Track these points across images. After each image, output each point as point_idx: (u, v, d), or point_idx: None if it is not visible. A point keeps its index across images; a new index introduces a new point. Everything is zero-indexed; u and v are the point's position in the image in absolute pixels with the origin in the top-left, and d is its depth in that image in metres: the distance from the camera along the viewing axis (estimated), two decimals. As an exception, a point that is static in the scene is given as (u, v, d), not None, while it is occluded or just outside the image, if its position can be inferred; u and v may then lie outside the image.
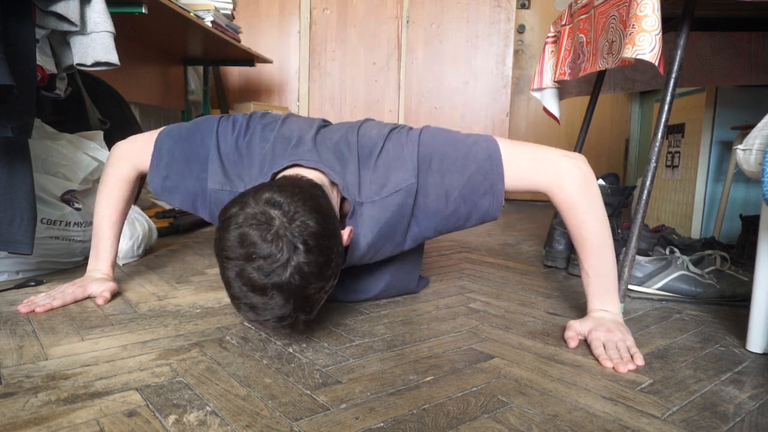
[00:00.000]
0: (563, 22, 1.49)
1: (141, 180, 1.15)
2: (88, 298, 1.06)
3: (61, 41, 1.24)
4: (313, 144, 0.95)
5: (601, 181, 1.43)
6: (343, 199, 0.95)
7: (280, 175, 0.92)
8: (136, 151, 1.09)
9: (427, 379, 0.75)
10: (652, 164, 1.09)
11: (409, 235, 0.98)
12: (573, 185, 0.93)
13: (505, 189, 0.96)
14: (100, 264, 1.11)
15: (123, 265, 1.38)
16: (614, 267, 0.94)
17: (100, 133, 1.45)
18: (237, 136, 1.00)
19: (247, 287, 0.72)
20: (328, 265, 0.76)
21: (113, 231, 1.11)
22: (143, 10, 1.52)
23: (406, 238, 0.99)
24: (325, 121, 1.08)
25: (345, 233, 0.85)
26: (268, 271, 0.71)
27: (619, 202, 1.42)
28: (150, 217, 1.66)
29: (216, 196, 0.98)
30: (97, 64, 1.22)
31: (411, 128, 1.01)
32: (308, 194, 0.78)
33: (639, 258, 1.21)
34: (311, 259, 0.72)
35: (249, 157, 0.98)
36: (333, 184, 0.92)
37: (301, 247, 0.72)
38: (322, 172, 0.91)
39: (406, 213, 0.95)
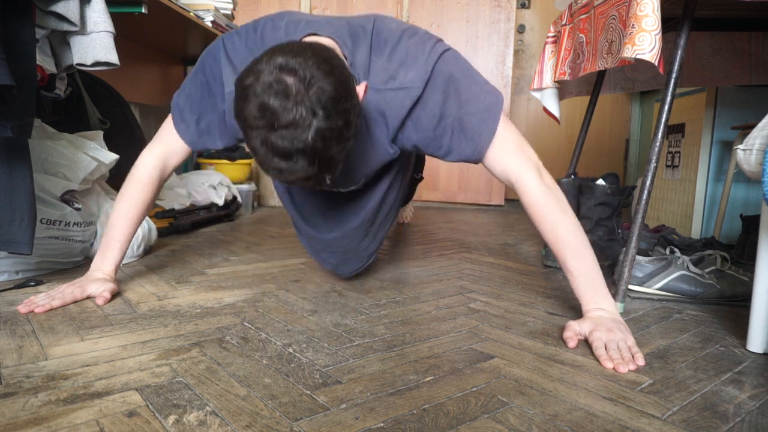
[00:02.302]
0: (563, 22, 1.49)
1: (162, 182, 1.15)
2: (88, 298, 1.06)
3: (61, 41, 1.24)
4: (326, 22, 0.97)
5: (601, 181, 1.43)
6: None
7: None
8: (158, 134, 1.13)
9: (427, 379, 0.75)
10: (652, 164, 1.09)
11: (398, 138, 0.99)
12: (545, 184, 0.95)
13: (488, 146, 0.97)
14: (104, 265, 1.11)
15: (123, 265, 1.38)
16: (596, 264, 0.94)
17: (100, 133, 1.45)
18: (246, 38, 1.01)
19: (272, 153, 0.74)
20: (347, 126, 0.77)
21: (125, 233, 1.12)
22: (143, 10, 1.52)
23: (396, 141, 1.00)
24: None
25: (360, 89, 0.85)
26: (291, 138, 0.73)
27: (619, 202, 1.42)
28: (150, 217, 1.66)
29: (232, 98, 0.98)
30: (97, 64, 1.22)
31: (439, 40, 1.01)
32: (322, 57, 0.77)
33: (639, 258, 1.21)
34: (331, 123, 0.74)
35: (264, 46, 0.97)
36: (344, 57, 0.92)
37: (320, 112, 0.73)
38: (335, 41, 0.92)
39: (402, 114, 0.95)
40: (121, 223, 1.11)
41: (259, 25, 1.02)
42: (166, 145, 1.12)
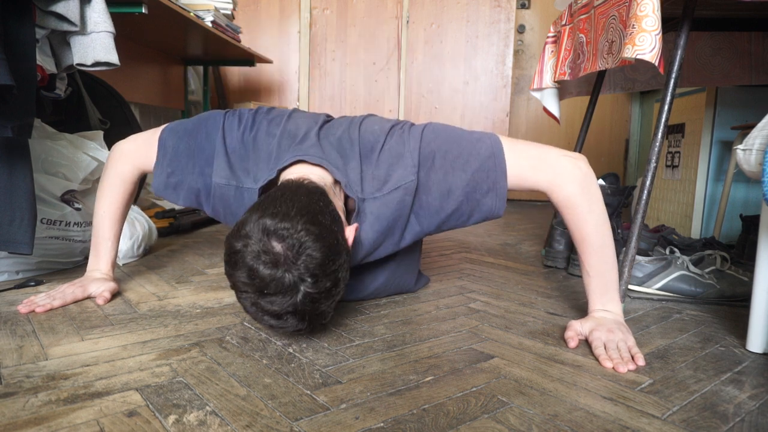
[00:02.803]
0: (563, 22, 1.49)
1: (141, 180, 1.15)
2: (88, 298, 1.06)
3: (61, 41, 1.24)
4: (317, 140, 0.96)
5: (601, 181, 1.43)
6: (347, 197, 0.96)
7: (284, 173, 0.92)
8: (138, 150, 1.09)
9: (427, 379, 0.75)
10: (652, 164, 1.09)
11: (408, 232, 0.99)
12: (573, 185, 0.93)
13: (507, 187, 0.96)
14: (100, 264, 1.11)
15: (123, 265, 1.39)
16: (615, 267, 0.94)
17: (100, 133, 1.45)
18: (243, 130, 1.00)
19: (263, 313, 0.78)
20: (336, 285, 0.79)
21: (113, 231, 1.11)
22: (143, 10, 1.52)
23: (405, 235, 0.99)
24: (328, 116, 1.08)
25: (350, 232, 0.85)
26: (280, 303, 0.75)
27: (619, 202, 1.42)
28: (150, 217, 1.66)
29: (221, 191, 0.98)
30: (97, 64, 1.22)
31: (413, 124, 1.01)
32: (310, 217, 0.77)
33: (639, 258, 1.21)
34: (320, 287, 0.76)
35: (255, 151, 0.98)
36: (336, 182, 0.93)
37: (309, 279, 0.75)
38: (325, 169, 0.92)
39: (406, 210, 0.95)
40: (107, 222, 1.10)
41: (257, 122, 1.01)
42: (145, 160, 1.08)
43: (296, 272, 0.74)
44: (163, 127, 1.07)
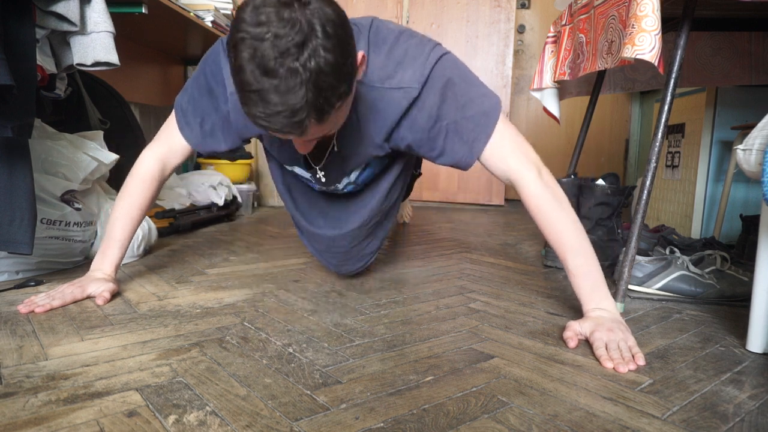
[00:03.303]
0: (563, 22, 1.49)
1: (162, 182, 1.16)
2: (88, 298, 1.06)
3: (61, 41, 1.24)
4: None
5: (601, 181, 1.43)
6: None
7: None
8: (158, 138, 1.13)
9: (427, 379, 0.75)
10: (652, 164, 1.09)
11: (394, 137, 0.99)
12: (542, 183, 0.95)
13: (481, 153, 0.97)
14: (104, 264, 1.11)
15: (123, 265, 1.38)
16: (597, 263, 0.94)
17: (100, 133, 1.45)
18: None
19: (260, 69, 0.68)
20: (345, 58, 0.72)
21: (124, 233, 1.12)
22: (143, 10, 1.52)
23: (392, 138, 1.00)
24: None
25: (359, 55, 0.80)
26: (283, 49, 0.67)
27: (619, 202, 1.42)
28: (150, 217, 1.66)
29: (236, 98, 0.95)
30: (97, 64, 1.22)
31: (437, 44, 1.00)
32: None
33: (639, 258, 1.21)
34: (329, 45, 0.69)
35: None
36: None
37: (319, 29, 0.68)
38: None
39: (398, 113, 0.95)
40: (121, 223, 1.11)
41: None
42: (168, 145, 1.12)
43: (308, 16, 0.67)
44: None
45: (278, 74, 0.68)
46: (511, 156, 0.97)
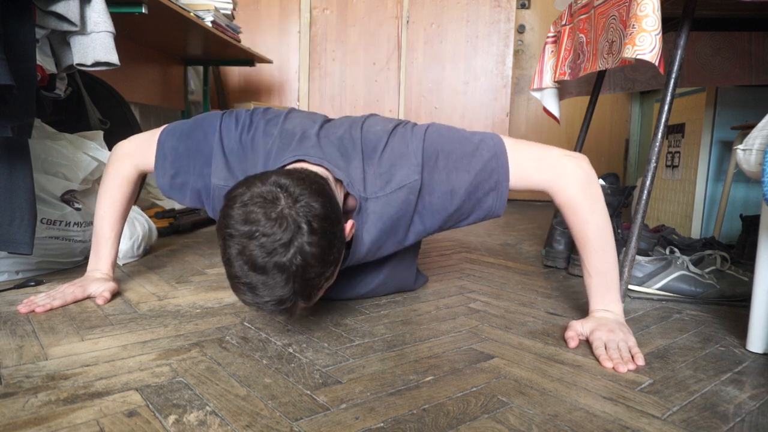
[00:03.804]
0: (563, 22, 1.49)
1: (142, 180, 1.15)
2: (88, 298, 1.06)
3: (61, 41, 1.24)
4: (317, 140, 0.95)
5: (601, 181, 1.43)
6: (346, 196, 0.95)
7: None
8: (138, 150, 1.09)
9: (427, 379, 0.75)
10: (652, 164, 1.09)
11: (411, 231, 0.98)
12: (575, 186, 0.93)
13: (509, 187, 0.96)
14: (100, 264, 1.11)
15: (123, 265, 1.38)
16: (616, 267, 0.94)
17: (100, 133, 1.45)
18: (240, 131, 1.00)
19: (248, 266, 0.72)
20: (330, 249, 0.75)
21: (114, 231, 1.11)
22: (143, 10, 1.52)
23: (408, 235, 0.99)
24: (326, 117, 1.08)
25: (347, 226, 0.85)
26: (270, 249, 0.70)
27: (619, 202, 1.42)
28: (150, 217, 1.66)
29: (220, 192, 0.97)
30: (97, 64, 1.22)
31: (416, 124, 1.01)
32: (314, 180, 0.78)
33: (639, 258, 1.21)
34: (314, 240, 0.72)
35: (253, 152, 0.98)
36: (337, 181, 0.92)
37: (305, 227, 0.71)
38: (326, 168, 0.91)
39: (410, 210, 0.95)
40: (108, 221, 1.10)
41: (254, 123, 1.01)
42: (144, 160, 1.08)
43: (294, 216, 0.71)
44: (162, 128, 1.07)
45: (266, 271, 0.71)
46: (534, 174, 0.96)
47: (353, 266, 1.06)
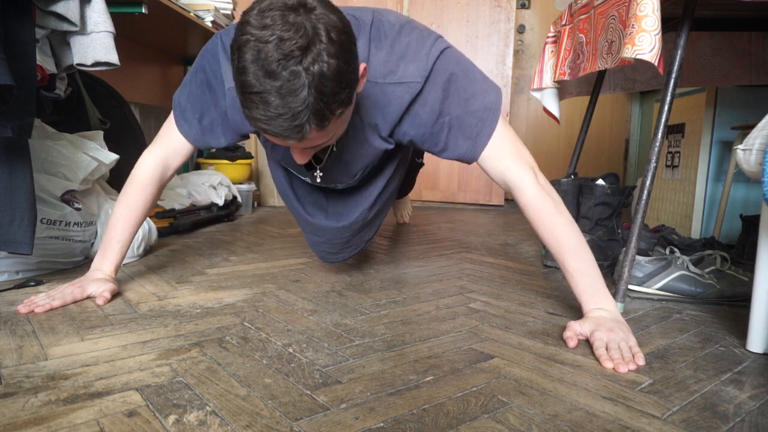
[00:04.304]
0: (563, 22, 1.49)
1: (163, 184, 1.15)
2: (88, 298, 1.06)
3: (61, 41, 1.24)
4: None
5: (601, 181, 1.43)
6: None
7: None
8: (158, 138, 1.12)
9: (427, 379, 0.75)
10: (652, 164, 1.09)
11: (397, 131, 0.99)
12: (539, 187, 0.96)
13: (485, 149, 0.97)
14: (104, 264, 1.11)
15: (123, 265, 1.38)
16: (595, 264, 0.95)
17: (100, 133, 1.45)
18: None
19: (263, 71, 0.68)
20: (347, 65, 0.72)
21: (125, 234, 1.12)
22: (143, 10, 1.52)
23: (395, 133, 0.99)
24: None
25: (360, 66, 0.80)
26: (287, 51, 0.67)
27: (619, 202, 1.42)
28: (150, 217, 1.66)
29: (233, 94, 0.96)
30: (97, 64, 1.22)
31: (439, 37, 0.99)
32: (332, 3, 0.75)
33: (639, 258, 1.21)
34: (332, 51, 0.69)
35: None
36: None
37: (323, 34, 0.68)
38: None
39: (401, 109, 0.95)
40: (121, 225, 1.11)
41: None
42: (167, 146, 1.12)
43: (313, 21, 0.68)
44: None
45: (281, 76, 0.67)
46: (509, 158, 0.98)
47: (341, 196, 1.11)
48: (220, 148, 1.10)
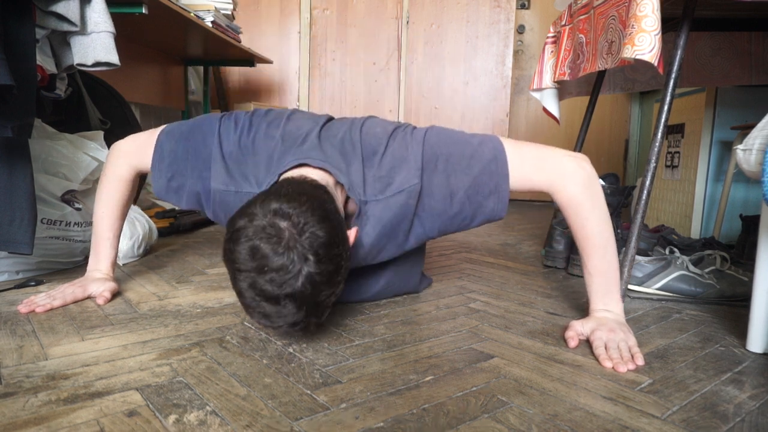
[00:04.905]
0: (563, 23, 1.49)
1: (140, 179, 1.14)
2: (88, 298, 1.06)
3: (61, 41, 1.24)
4: (318, 141, 0.95)
5: (600, 181, 1.43)
6: (347, 200, 0.95)
7: (285, 175, 0.91)
8: (136, 150, 1.08)
9: (427, 379, 0.75)
10: (652, 164, 1.09)
11: (412, 235, 0.98)
12: (576, 185, 0.93)
13: (509, 189, 0.96)
14: (100, 264, 1.11)
15: (123, 265, 1.39)
16: (617, 267, 0.94)
17: (101, 133, 1.45)
18: (240, 134, 0.99)
19: (260, 297, 0.74)
20: (337, 272, 0.77)
21: (113, 231, 1.11)
22: (143, 11, 1.52)
23: (409, 238, 0.99)
24: (329, 116, 1.07)
25: (351, 234, 0.85)
26: (280, 282, 0.72)
27: (619, 202, 1.42)
28: (150, 217, 1.66)
29: (221, 197, 0.97)
30: (97, 64, 1.22)
31: (416, 127, 1.01)
32: (316, 202, 0.78)
33: (639, 258, 1.21)
34: (322, 269, 0.74)
35: (254, 155, 0.97)
36: (338, 183, 0.92)
37: (311, 258, 0.73)
38: (327, 171, 0.91)
39: (409, 213, 0.95)
40: (106, 222, 1.10)
41: (254, 125, 1.00)
42: (140, 161, 1.08)
43: (300, 249, 0.72)
44: (160, 128, 1.07)
45: (278, 302, 0.74)
46: (534, 173, 0.96)
47: (356, 271, 1.06)
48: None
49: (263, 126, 1.00)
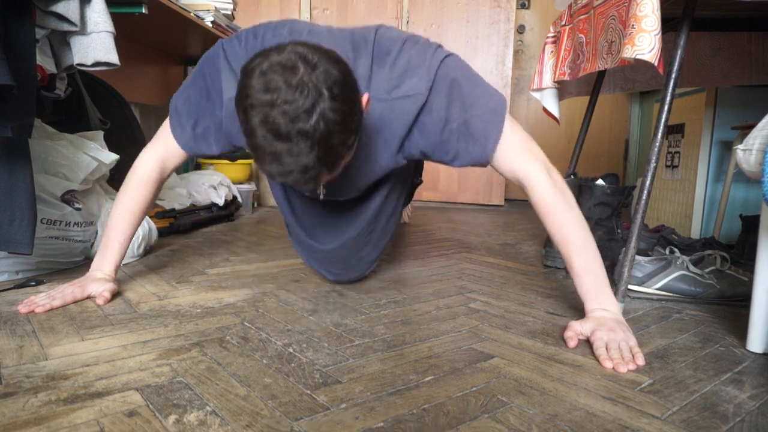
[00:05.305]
0: (563, 23, 1.49)
1: (161, 183, 1.15)
2: (88, 298, 1.06)
3: (61, 41, 1.24)
4: (328, 33, 0.96)
5: (601, 181, 1.43)
6: None
7: None
8: (156, 138, 1.12)
9: (427, 379, 0.75)
10: (652, 164, 1.09)
11: (407, 145, 0.98)
12: (550, 184, 0.96)
13: (495, 150, 0.96)
14: (104, 265, 1.11)
15: (123, 265, 1.38)
16: (602, 264, 0.95)
17: (101, 133, 1.45)
18: (246, 43, 0.99)
19: (272, 134, 0.71)
20: (351, 115, 0.75)
21: (124, 234, 1.12)
22: (143, 11, 1.52)
23: (404, 147, 0.99)
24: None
25: (363, 98, 0.83)
26: (293, 115, 0.70)
27: (619, 202, 1.42)
28: (150, 217, 1.66)
29: (231, 106, 0.96)
30: (97, 64, 1.22)
31: (440, 46, 1.00)
32: (330, 51, 0.77)
33: (639, 258, 1.21)
34: (336, 106, 0.72)
35: None
36: None
37: (326, 93, 0.71)
38: None
39: (409, 120, 0.95)
40: (121, 224, 1.11)
41: (260, 32, 1.01)
42: (164, 147, 1.11)
43: (315, 82, 0.71)
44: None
45: (290, 138, 0.71)
46: (519, 155, 0.97)
47: (340, 207, 1.08)
48: (214, 154, 1.09)
49: (270, 32, 1.00)
